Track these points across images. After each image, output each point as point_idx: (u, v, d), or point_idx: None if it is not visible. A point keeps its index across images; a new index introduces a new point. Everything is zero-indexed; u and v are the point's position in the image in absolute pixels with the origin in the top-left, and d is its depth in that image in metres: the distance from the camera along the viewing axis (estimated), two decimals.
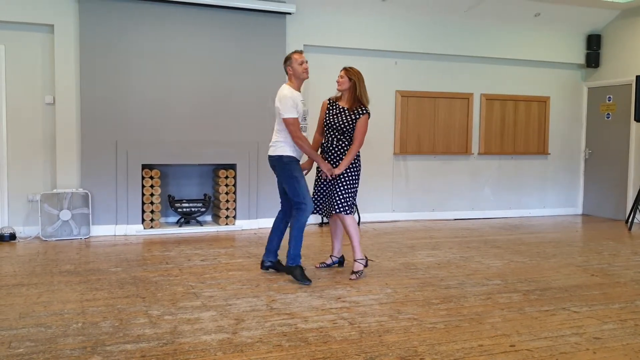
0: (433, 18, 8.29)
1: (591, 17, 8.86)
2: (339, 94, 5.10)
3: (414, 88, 8.43)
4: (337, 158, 4.98)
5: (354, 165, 4.97)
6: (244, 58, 7.36)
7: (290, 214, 4.99)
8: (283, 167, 4.83)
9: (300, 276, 4.73)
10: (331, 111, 5.04)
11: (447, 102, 8.60)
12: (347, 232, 5.01)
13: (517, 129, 9.06)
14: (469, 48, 8.57)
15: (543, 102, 9.20)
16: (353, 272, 4.98)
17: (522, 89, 9.06)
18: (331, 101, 5.11)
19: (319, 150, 5.14)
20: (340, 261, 5.36)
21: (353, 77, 4.94)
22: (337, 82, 5.01)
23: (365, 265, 5.05)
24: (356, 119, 4.91)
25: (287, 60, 4.90)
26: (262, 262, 5.13)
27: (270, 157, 4.92)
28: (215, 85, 7.27)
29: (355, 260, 5.02)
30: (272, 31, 7.45)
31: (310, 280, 4.75)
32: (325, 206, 5.07)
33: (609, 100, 9.10)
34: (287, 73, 4.93)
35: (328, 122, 5.02)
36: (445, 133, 8.62)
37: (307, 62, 4.92)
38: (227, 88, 7.31)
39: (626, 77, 8.76)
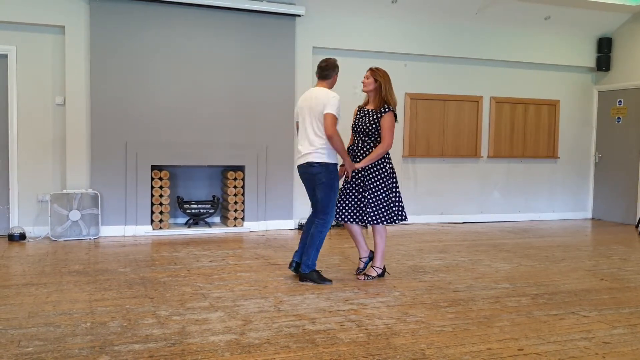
0: (443, 20, 8.27)
1: (602, 20, 8.81)
2: (367, 100, 5.03)
3: (423, 90, 8.42)
4: (362, 160, 4.91)
5: (381, 173, 4.86)
6: (254, 60, 7.38)
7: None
8: (329, 175, 4.73)
9: (319, 279, 4.77)
10: (358, 115, 5.01)
11: (457, 105, 8.58)
12: (374, 239, 4.96)
13: (526, 132, 9.02)
14: (478, 51, 8.55)
15: (553, 105, 9.16)
16: (364, 274, 4.97)
17: (532, 92, 9.03)
18: (360, 107, 5.06)
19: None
20: (372, 257, 5.15)
21: (379, 78, 4.87)
22: (363, 82, 4.97)
23: (380, 275, 5.01)
24: (379, 117, 4.84)
25: (337, 67, 4.86)
26: (291, 262, 5.01)
27: (315, 163, 4.70)
28: (225, 87, 7.29)
29: (372, 266, 5.01)
30: (282, 33, 7.46)
31: (330, 280, 4.82)
32: (350, 214, 4.95)
33: (620, 104, 9.05)
34: (326, 77, 4.84)
35: (355, 126, 4.99)
36: (454, 136, 8.60)
37: None
38: (236, 90, 7.33)
39: (637, 80, 8.71)
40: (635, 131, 8.79)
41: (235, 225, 7.39)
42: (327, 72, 4.85)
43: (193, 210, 7.31)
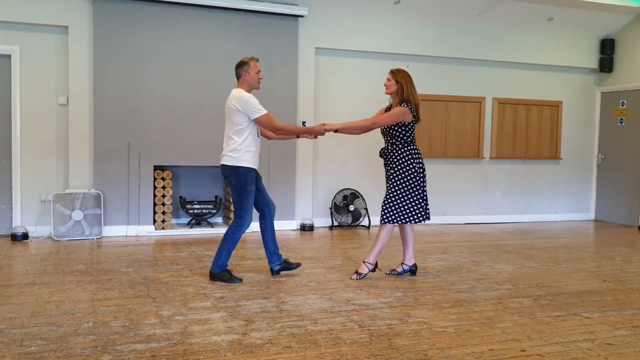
0: (445, 21, 8.27)
1: (605, 22, 8.80)
2: (391, 102, 5.02)
3: (425, 91, 8.37)
4: (390, 161, 4.92)
5: (400, 173, 4.85)
6: None
7: (267, 214, 4.97)
8: (238, 178, 4.71)
9: (229, 278, 4.77)
10: None
11: (459, 106, 8.58)
12: (379, 233, 4.97)
13: (529, 133, 9.02)
14: (481, 52, 8.54)
15: (555, 106, 9.15)
16: (356, 272, 5.00)
17: (534, 93, 9.02)
18: (386, 109, 5.05)
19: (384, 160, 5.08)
20: (412, 270, 5.15)
21: (400, 80, 4.89)
22: (385, 85, 4.98)
23: (372, 271, 5.01)
24: None
25: (244, 64, 4.79)
26: (271, 270, 5.05)
27: (224, 166, 4.75)
28: (227, 87, 7.21)
29: (364, 262, 5.02)
30: (284, 34, 7.46)
31: (240, 279, 4.80)
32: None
33: (623, 105, 9.03)
34: (238, 77, 4.83)
35: (381, 129, 5.00)
36: (456, 137, 8.59)
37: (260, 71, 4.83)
38: None
39: None
40: (638, 132, 8.78)
41: None
42: (236, 71, 4.85)
43: (195, 211, 7.31)
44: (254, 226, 7.32)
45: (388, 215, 4.89)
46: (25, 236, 6.59)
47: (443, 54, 8.37)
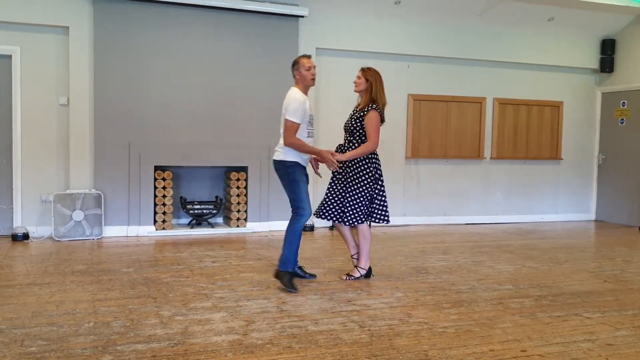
0: (446, 21, 8.27)
1: (605, 22, 8.80)
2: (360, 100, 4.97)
3: (426, 92, 8.41)
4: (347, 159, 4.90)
5: (364, 173, 4.81)
6: (257, 61, 7.38)
7: None
8: (285, 170, 4.72)
9: (288, 283, 4.59)
10: (350, 115, 4.98)
11: (460, 106, 8.58)
12: (358, 240, 4.94)
13: (529, 133, 9.01)
14: (482, 52, 8.54)
15: (556, 107, 9.15)
16: (347, 274, 4.98)
17: (535, 93, 9.02)
18: (354, 107, 5.01)
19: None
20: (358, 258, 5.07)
21: (370, 78, 4.83)
22: (354, 83, 4.92)
23: (366, 276, 4.98)
24: (362, 116, 4.79)
25: (295, 64, 4.82)
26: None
27: (274, 161, 4.79)
28: (228, 87, 7.29)
29: (356, 266, 4.99)
30: (285, 34, 7.46)
31: (296, 289, 4.55)
32: (332, 213, 4.88)
33: (623, 106, 9.03)
34: (294, 77, 4.85)
35: (344, 125, 4.99)
36: (457, 137, 8.59)
37: (315, 67, 4.81)
38: (239, 90, 7.33)
39: None
40: (638, 133, 8.77)
41: (238, 226, 7.39)
42: (291, 72, 4.86)
43: (196, 211, 7.32)
44: (254, 226, 7.40)
45: (355, 216, 4.80)
46: (25, 236, 6.59)
47: (443, 54, 8.38)
